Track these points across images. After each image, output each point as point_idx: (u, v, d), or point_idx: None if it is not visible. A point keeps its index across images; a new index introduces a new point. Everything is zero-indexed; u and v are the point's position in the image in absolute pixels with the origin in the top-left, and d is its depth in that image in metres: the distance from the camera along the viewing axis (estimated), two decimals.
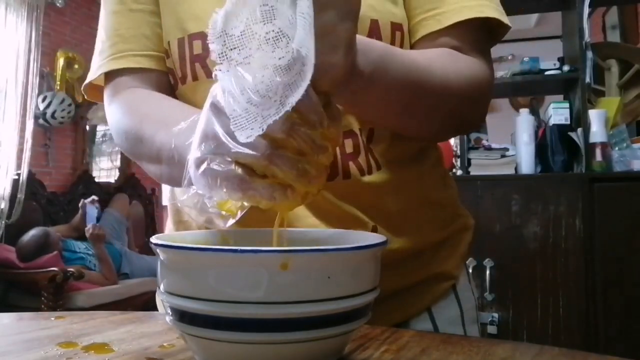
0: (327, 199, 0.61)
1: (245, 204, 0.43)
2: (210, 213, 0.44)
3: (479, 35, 0.63)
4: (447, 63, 0.58)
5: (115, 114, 0.66)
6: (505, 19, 0.63)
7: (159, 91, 0.67)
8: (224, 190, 0.40)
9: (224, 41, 0.39)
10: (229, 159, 0.40)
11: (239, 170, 0.40)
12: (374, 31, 0.60)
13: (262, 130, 0.37)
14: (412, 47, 0.64)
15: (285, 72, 0.37)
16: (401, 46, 0.62)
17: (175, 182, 0.55)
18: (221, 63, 0.39)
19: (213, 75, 0.40)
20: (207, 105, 0.42)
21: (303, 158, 0.40)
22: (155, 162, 0.58)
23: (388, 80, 0.51)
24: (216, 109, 0.40)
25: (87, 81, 0.71)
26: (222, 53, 0.39)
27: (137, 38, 0.68)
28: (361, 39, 0.48)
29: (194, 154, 0.42)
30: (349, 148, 0.61)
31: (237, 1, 0.39)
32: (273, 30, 0.38)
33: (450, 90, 0.57)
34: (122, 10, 0.69)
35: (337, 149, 0.61)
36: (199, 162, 0.41)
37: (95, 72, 0.69)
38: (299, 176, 0.40)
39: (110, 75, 0.69)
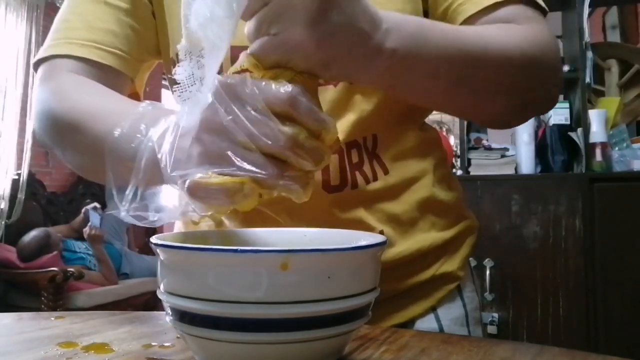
0: (332, 210, 0.61)
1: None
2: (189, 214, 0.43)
3: (526, 8, 0.57)
4: (502, 32, 0.53)
5: (45, 95, 0.62)
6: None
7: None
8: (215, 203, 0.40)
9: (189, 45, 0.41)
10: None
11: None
12: None
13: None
14: None
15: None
16: None
17: (99, 176, 0.50)
18: (183, 60, 0.42)
19: (173, 71, 0.42)
20: (200, 121, 0.41)
21: (303, 173, 0.40)
22: (86, 152, 0.56)
23: (430, 54, 0.47)
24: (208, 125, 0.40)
25: (39, 56, 0.66)
26: (186, 52, 0.41)
27: (104, 32, 0.65)
28: (393, 15, 0.46)
29: (190, 168, 0.40)
30: (354, 158, 0.61)
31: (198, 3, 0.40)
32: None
33: (512, 60, 0.51)
34: (97, 1, 0.66)
35: (345, 159, 0.61)
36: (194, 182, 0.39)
37: (51, 49, 0.64)
38: (283, 185, 0.40)
39: (56, 56, 0.64)
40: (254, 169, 0.38)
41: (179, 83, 0.42)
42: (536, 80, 0.55)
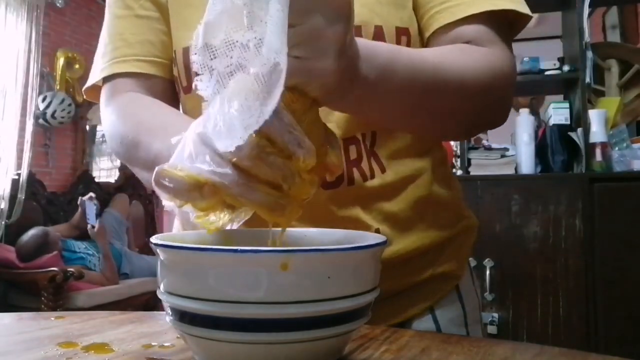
0: (328, 207, 0.61)
1: (226, 220, 0.43)
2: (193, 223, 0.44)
3: (496, 26, 0.60)
4: (461, 58, 0.56)
5: (111, 117, 0.66)
6: (524, 8, 0.60)
7: (159, 98, 0.67)
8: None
9: (205, 52, 0.38)
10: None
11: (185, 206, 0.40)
12: (379, 37, 0.59)
13: (243, 140, 0.36)
14: (426, 43, 0.63)
15: (263, 80, 0.36)
16: None
17: None
18: (202, 74, 0.38)
19: (193, 86, 0.39)
20: (197, 120, 0.41)
21: (273, 192, 0.39)
22: (150, 169, 0.58)
23: (396, 83, 0.49)
24: (201, 132, 0.39)
25: (89, 83, 0.71)
26: (203, 64, 0.38)
27: (142, 44, 0.68)
28: (365, 43, 0.47)
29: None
30: (352, 154, 0.61)
31: (217, 10, 0.38)
32: (255, 38, 0.36)
33: (467, 86, 0.55)
34: (128, 16, 0.69)
35: (343, 155, 0.60)
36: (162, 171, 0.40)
37: (98, 74, 0.69)
38: (270, 210, 0.39)
39: (110, 78, 0.69)
40: (217, 170, 0.38)
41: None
42: (487, 106, 0.59)
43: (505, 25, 0.62)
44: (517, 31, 0.64)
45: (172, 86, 0.70)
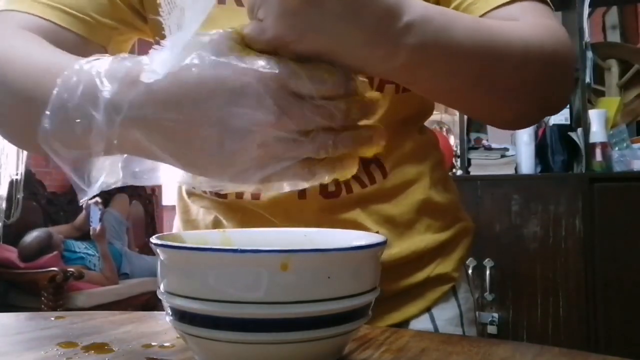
0: (327, 212, 0.61)
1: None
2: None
3: (534, 5, 0.55)
4: (522, 25, 0.50)
5: None
6: None
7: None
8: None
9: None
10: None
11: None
12: None
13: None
14: None
15: None
16: None
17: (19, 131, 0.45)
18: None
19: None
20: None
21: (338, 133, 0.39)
22: (13, 98, 0.47)
23: (451, 52, 0.43)
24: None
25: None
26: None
27: None
28: (416, 5, 0.41)
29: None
30: None
31: None
32: None
33: (532, 56, 0.48)
34: None
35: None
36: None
37: (13, 3, 0.57)
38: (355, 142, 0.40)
39: (12, 11, 0.57)
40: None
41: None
42: (558, 76, 0.53)
43: (544, 4, 0.56)
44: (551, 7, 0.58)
45: (94, 51, 0.50)
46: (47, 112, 0.39)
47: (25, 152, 3.80)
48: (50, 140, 0.40)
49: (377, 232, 0.62)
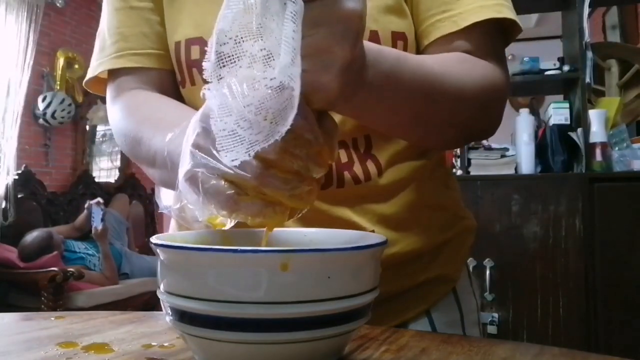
0: (318, 208, 0.60)
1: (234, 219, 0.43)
2: (200, 223, 0.44)
3: (495, 37, 0.61)
4: (462, 70, 0.57)
5: (116, 115, 0.67)
6: (517, 20, 0.61)
7: (161, 90, 0.67)
8: (212, 206, 0.39)
9: (215, 59, 0.37)
10: (218, 177, 0.39)
11: (227, 190, 0.38)
12: (374, 42, 0.59)
13: (249, 156, 0.36)
14: (424, 50, 0.63)
15: (274, 97, 0.35)
16: None
17: (170, 186, 0.54)
18: (210, 82, 0.38)
19: (201, 94, 0.38)
20: (197, 116, 0.41)
21: (295, 177, 0.39)
22: (152, 165, 0.58)
23: (400, 90, 0.49)
24: (206, 122, 0.39)
25: (87, 78, 0.71)
26: (213, 72, 0.37)
27: (137, 37, 0.68)
28: (372, 48, 0.47)
29: (183, 166, 0.40)
30: (343, 158, 0.61)
31: (229, 17, 0.37)
32: (264, 49, 0.36)
33: (466, 98, 0.56)
34: (123, 8, 0.69)
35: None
36: (188, 176, 0.40)
37: (95, 69, 0.69)
38: (290, 196, 0.39)
39: (112, 75, 0.69)
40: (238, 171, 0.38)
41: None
42: (486, 115, 0.60)
43: (501, 36, 0.63)
44: (509, 42, 0.65)
45: (171, 77, 0.69)
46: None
47: (26, 153, 3.81)
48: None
49: (372, 231, 0.61)
